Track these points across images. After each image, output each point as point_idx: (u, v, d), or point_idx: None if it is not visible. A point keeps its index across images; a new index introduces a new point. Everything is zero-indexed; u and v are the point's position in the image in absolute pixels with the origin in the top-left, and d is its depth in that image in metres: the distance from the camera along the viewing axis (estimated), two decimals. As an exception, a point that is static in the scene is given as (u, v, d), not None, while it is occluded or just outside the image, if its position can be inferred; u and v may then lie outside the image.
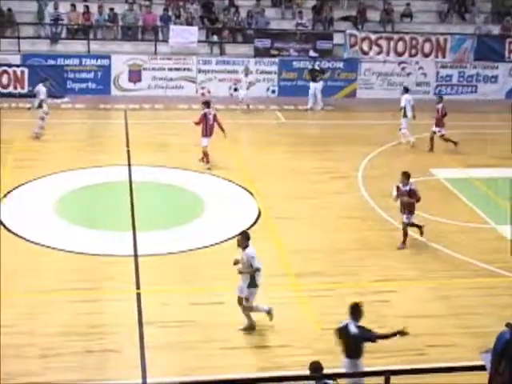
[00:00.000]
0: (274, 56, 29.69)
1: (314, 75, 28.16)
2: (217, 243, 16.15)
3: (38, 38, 29.27)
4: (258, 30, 30.46)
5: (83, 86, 28.38)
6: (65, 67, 27.99)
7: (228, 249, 15.89)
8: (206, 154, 20.78)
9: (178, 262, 15.35)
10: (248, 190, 19.22)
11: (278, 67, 29.57)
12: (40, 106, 22.96)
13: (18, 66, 27.60)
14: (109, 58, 28.66)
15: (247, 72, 27.34)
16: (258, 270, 12.58)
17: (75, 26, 29.76)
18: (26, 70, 27.39)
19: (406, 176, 15.98)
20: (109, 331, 12.59)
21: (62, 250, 15.52)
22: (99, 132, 24.39)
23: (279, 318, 13.07)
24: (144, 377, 11.42)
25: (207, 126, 20.67)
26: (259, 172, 20.56)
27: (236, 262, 12.74)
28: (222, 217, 17.64)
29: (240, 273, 12.66)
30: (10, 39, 28.68)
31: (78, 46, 29.17)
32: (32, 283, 14.09)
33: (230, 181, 19.86)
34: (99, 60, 28.64)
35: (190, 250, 15.77)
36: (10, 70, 27.36)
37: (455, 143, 23.06)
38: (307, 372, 9.71)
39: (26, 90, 27.16)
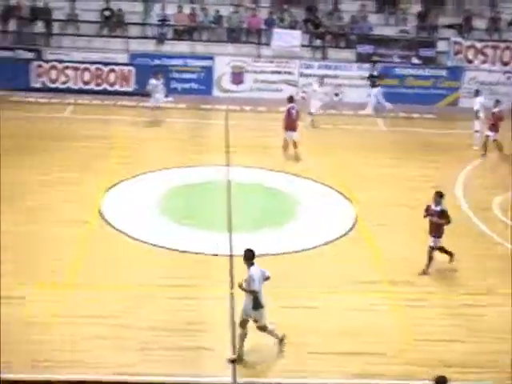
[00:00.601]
0: (375, 62, 29.52)
1: (373, 81, 27.91)
2: (312, 248, 16.24)
3: (146, 38, 29.99)
4: (360, 35, 30.39)
5: (186, 86, 28.91)
6: (169, 67, 28.56)
7: (322, 254, 16.02)
8: (285, 147, 21.98)
9: (271, 263, 15.37)
10: (345, 196, 19.22)
11: (379, 73, 29.35)
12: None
13: (125, 64, 28.40)
14: (212, 59, 29.13)
15: (322, 82, 26.57)
16: (253, 292, 11.86)
17: (181, 27, 30.39)
18: (133, 69, 28.16)
19: (439, 195, 15.35)
20: (202, 329, 12.85)
21: (162, 246, 15.91)
22: (200, 132, 24.84)
23: (372, 325, 13.08)
24: (234, 376, 11.62)
25: (290, 120, 21.60)
26: (357, 178, 20.51)
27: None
28: (319, 221, 17.71)
29: (243, 290, 12.04)
30: (119, 38, 29.51)
31: (183, 47, 29.79)
32: (132, 278, 14.49)
33: (328, 186, 19.90)
34: (203, 61, 29.14)
35: (285, 252, 15.90)
36: (118, 69, 28.16)
37: (501, 149, 22.91)
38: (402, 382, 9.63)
39: (131, 89, 28.00)
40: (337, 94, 28.52)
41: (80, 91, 27.91)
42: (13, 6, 29.48)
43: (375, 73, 28.19)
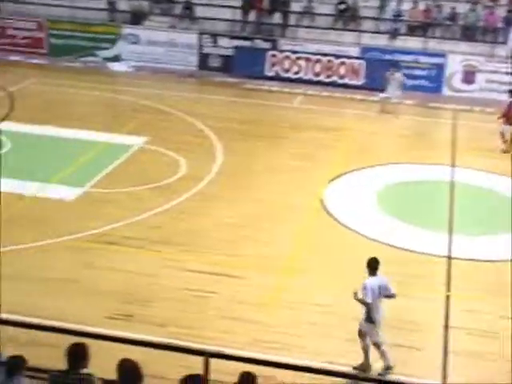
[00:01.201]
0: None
1: None
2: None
3: (378, 32, 30.05)
4: None
5: (416, 82, 28.57)
6: (400, 63, 28.42)
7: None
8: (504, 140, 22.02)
9: (492, 270, 15.20)
10: None
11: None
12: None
13: (356, 58, 28.67)
14: (444, 56, 28.68)
15: None
16: (363, 302, 11.30)
17: (415, 23, 30.18)
18: (364, 63, 28.38)
19: None
20: (415, 328, 12.88)
21: (379, 241, 16.00)
22: (427, 130, 24.66)
23: None
24: (444, 380, 11.55)
25: (509, 114, 21.95)
26: None
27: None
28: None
29: (356, 299, 11.40)
30: (352, 32, 29.85)
31: (415, 43, 29.55)
32: (348, 269, 14.68)
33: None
34: (434, 58, 28.75)
35: (507, 260, 15.51)
36: (348, 62, 28.46)
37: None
38: None
39: (360, 82, 28.24)
40: None
41: (310, 82, 28.55)
42: (253, -2, 30.75)
43: None
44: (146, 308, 12.99)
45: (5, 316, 10.87)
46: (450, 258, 15.47)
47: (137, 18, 31.01)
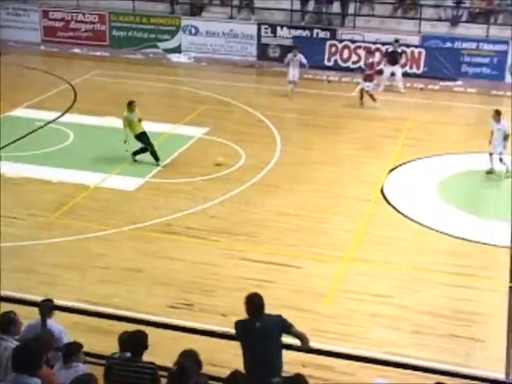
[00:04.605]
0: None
1: (394, 58, 26.43)
2: None
3: (439, 20, 29.60)
4: None
5: (477, 70, 28.13)
6: (461, 51, 28.03)
7: None
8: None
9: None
10: None
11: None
12: None
13: (416, 46, 28.28)
14: (507, 43, 28.09)
15: None
16: None
17: (477, 10, 29.65)
18: (424, 52, 28.01)
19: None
20: (476, 319, 12.75)
21: (440, 231, 15.87)
22: (488, 118, 24.18)
23: None
24: (508, 373, 11.37)
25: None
26: None
27: None
28: None
29: None
30: (412, 20, 29.47)
31: (477, 30, 29.01)
32: (408, 259, 14.74)
33: None
34: (496, 45, 28.20)
35: None
36: (408, 51, 28.05)
37: (374, 100, 24.06)
38: None
39: (420, 71, 27.90)
40: None
41: (370, 71, 28.29)
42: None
43: (399, 50, 26.69)
44: (207, 297, 13.14)
45: (69, 303, 11.16)
46: (512, 248, 15.26)
47: (196, 9, 31.20)
